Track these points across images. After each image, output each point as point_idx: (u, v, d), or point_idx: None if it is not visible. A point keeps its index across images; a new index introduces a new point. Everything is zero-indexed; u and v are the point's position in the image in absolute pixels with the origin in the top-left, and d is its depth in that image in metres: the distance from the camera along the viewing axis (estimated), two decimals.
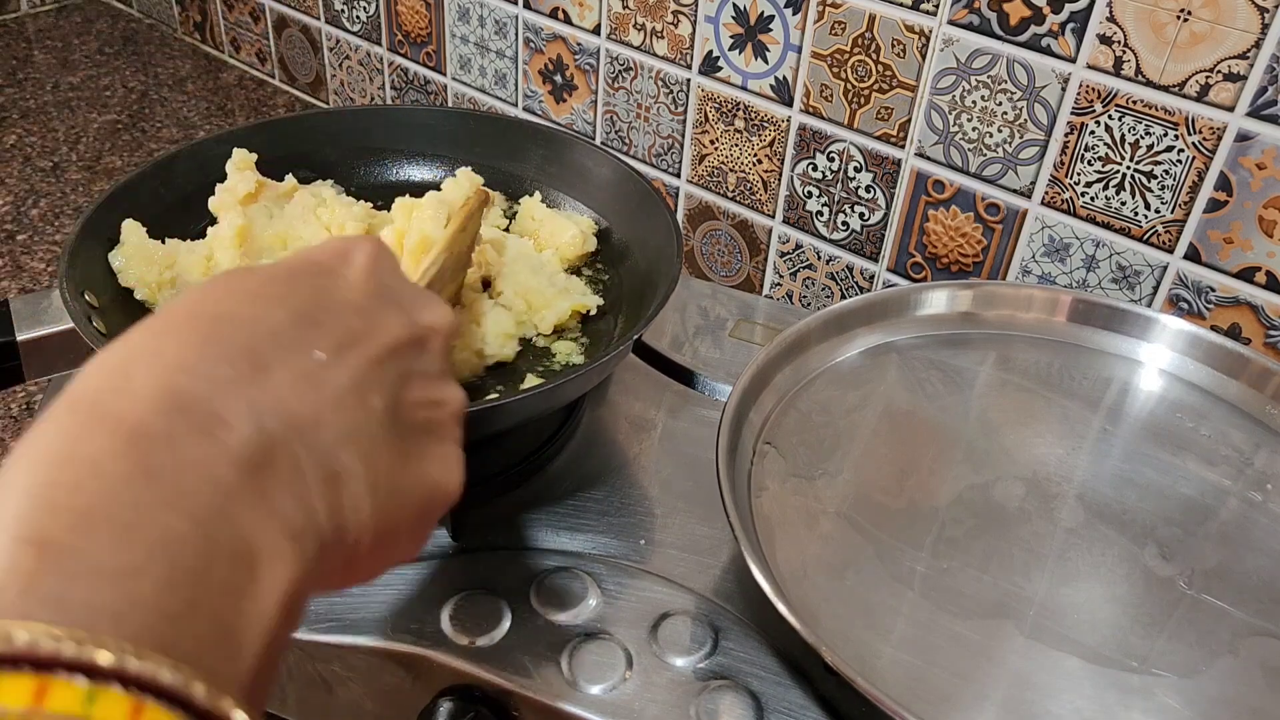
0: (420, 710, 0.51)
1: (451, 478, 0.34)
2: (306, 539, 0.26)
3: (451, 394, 0.35)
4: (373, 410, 0.30)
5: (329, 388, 0.29)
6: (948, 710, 0.46)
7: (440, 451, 0.33)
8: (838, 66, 0.77)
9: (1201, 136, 0.65)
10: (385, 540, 0.30)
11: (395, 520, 0.30)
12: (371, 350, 0.31)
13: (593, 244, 0.70)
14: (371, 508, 0.29)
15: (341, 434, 0.28)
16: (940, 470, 0.59)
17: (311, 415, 0.27)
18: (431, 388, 0.33)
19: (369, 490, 0.29)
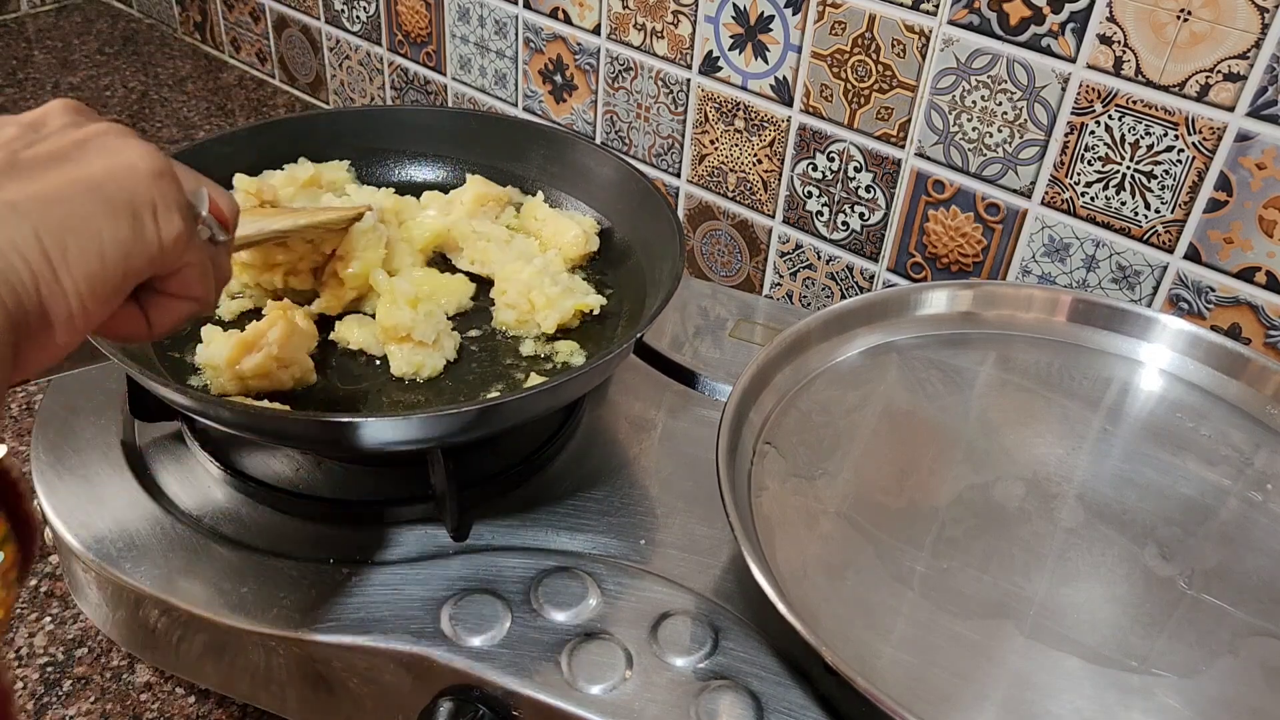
0: (420, 710, 0.51)
1: (128, 155, 0.35)
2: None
3: (90, 129, 0.36)
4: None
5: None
6: (948, 710, 0.46)
7: (99, 150, 0.35)
8: (838, 66, 0.77)
9: (1201, 136, 0.65)
10: (80, 232, 0.32)
11: (68, 210, 0.32)
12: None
13: (595, 243, 0.70)
14: (22, 219, 0.31)
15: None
16: (940, 470, 0.59)
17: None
18: (60, 135, 0.36)
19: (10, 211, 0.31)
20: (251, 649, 0.53)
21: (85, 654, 0.61)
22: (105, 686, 0.60)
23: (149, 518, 0.56)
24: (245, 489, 0.59)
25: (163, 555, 0.54)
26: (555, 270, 0.66)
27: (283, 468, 0.60)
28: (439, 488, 0.55)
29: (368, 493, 0.59)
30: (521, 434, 0.62)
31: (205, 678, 0.56)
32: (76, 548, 0.54)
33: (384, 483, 0.60)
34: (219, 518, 0.57)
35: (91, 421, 0.62)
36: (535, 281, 0.64)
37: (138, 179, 0.35)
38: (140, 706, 0.59)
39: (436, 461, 0.54)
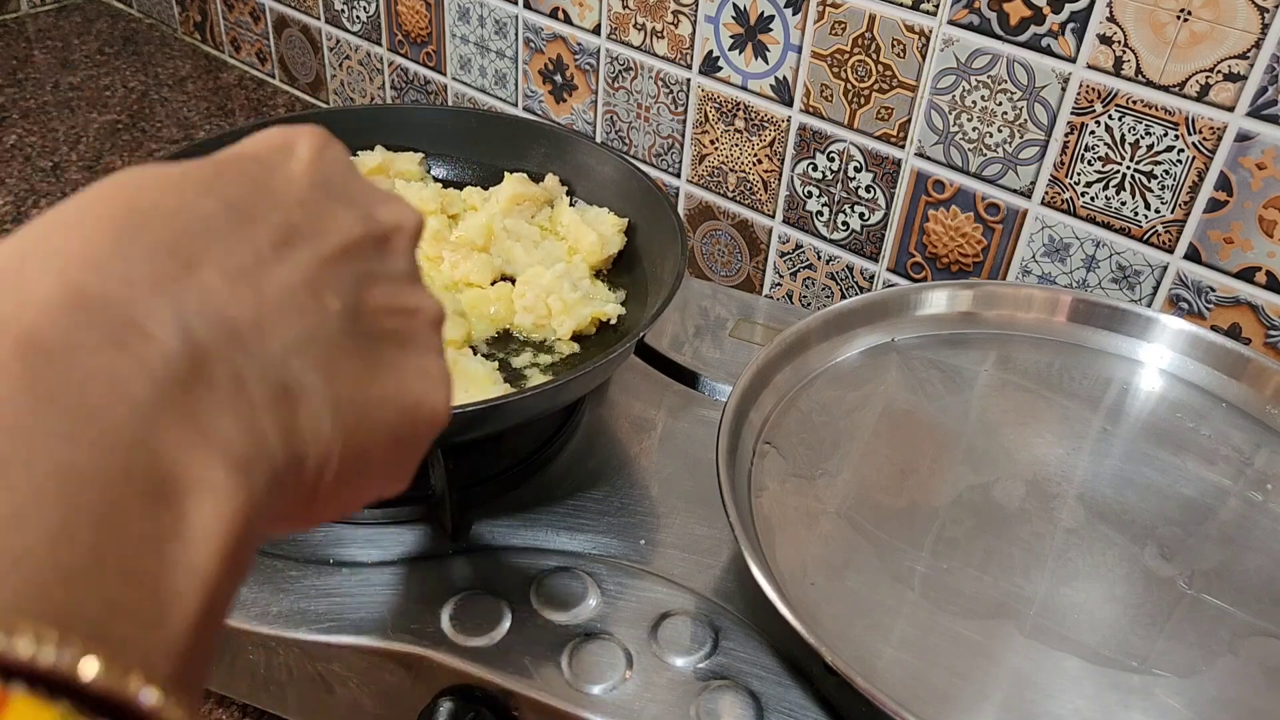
0: (420, 710, 0.51)
1: (435, 393, 0.28)
2: (254, 469, 0.21)
3: (425, 300, 0.29)
4: (329, 313, 0.25)
5: (273, 287, 0.23)
6: (948, 710, 0.46)
7: (419, 364, 0.28)
8: (838, 66, 0.77)
9: (1201, 136, 0.65)
10: (355, 468, 0.25)
11: (366, 443, 0.25)
12: (322, 247, 0.25)
13: (617, 245, 0.69)
14: (334, 427, 0.24)
15: (291, 341, 0.23)
16: (940, 470, 0.59)
17: (253, 319, 0.22)
18: (400, 292, 0.28)
19: (330, 407, 0.24)
20: (251, 649, 0.53)
21: None
22: None
23: None
24: None
25: None
26: (577, 276, 0.66)
27: None
28: (439, 488, 0.55)
29: None
30: (521, 434, 0.62)
31: None
32: None
33: None
34: None
35: None
36: (554, 286, 0.63)
37: (431, 430, 0.28)
38: None
39: (436, 461, 0.54)
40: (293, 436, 0.23)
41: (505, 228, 0.69)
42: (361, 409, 0.25)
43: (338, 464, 0.24)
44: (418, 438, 0.28)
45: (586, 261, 0.68)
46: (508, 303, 0.64)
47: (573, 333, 0.63)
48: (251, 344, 0.22)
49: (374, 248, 0.27)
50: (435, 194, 0.71)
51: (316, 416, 0.23)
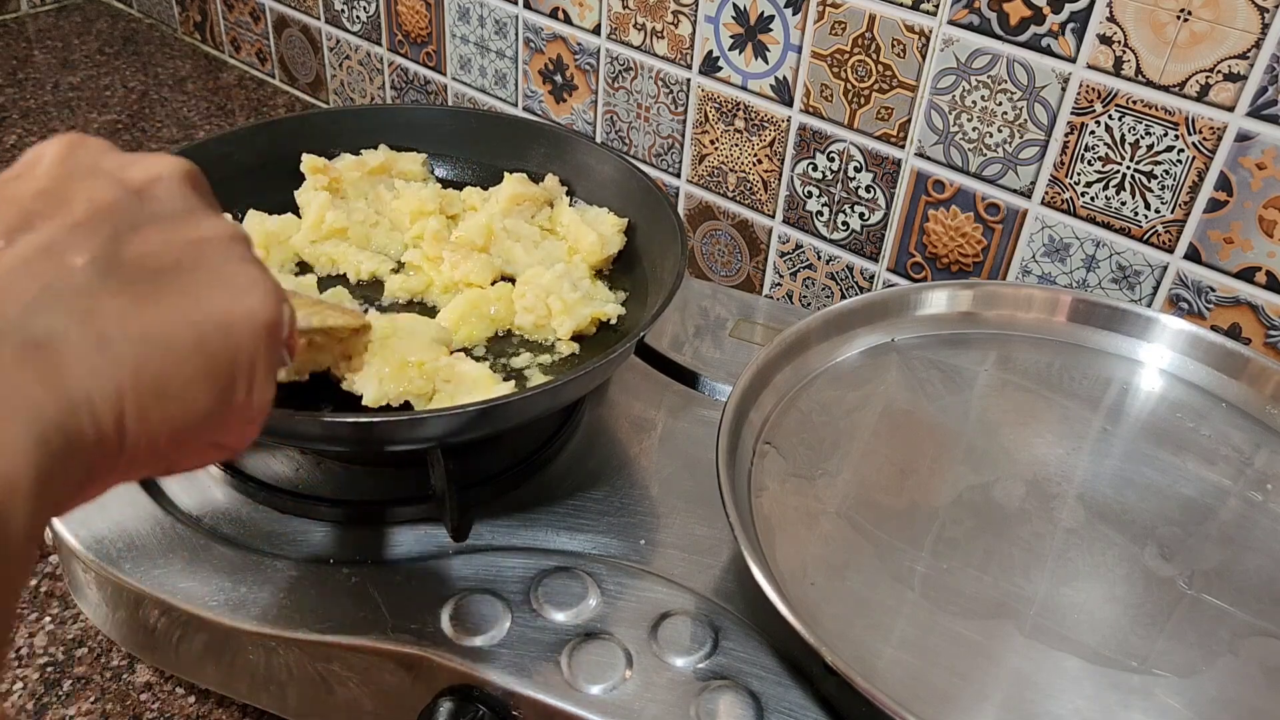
0: (420, 710, 0.51)
1: (246, 299, 0.30)
2: (10, 424, 0.22)
3: (209, 227, 0.31)
4: (74, 268, 0.26)
5: (3, 267, 0.26)
6: (948, 710, 0.46)
7: (217, 278, 0.29)
8: (838, 66, 0.77)
9: (1201, 136, 0.65)
10: (161, 395, 0.26)
11: (163, 368, 0.26)
12: (63, 220, 0.27)
13: (617, 244, 0.69)
14: (110, 363, 0.25)
15: (30, 302, 0.25)
16: (940, 470, 0.59)
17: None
18: (175, 228, 0.30)
19: (95, 345, 0.25)
20: (251, 649, 0.53)
21: (85, 654, 0.61)
22: (105, 686, 0.60)
23: (149, 518, 0.56)
24: (245, 489, 0.59)
25: (163, 555, 0.54)
26: (577, 276, 0.66)
27: (283, 468, 0.60)
28: (439, 488, 0.55)
29: (368, 493, 0.59)
30: (521, 434, 0.62)
31: (205, 678, 0.56)
32: (76, 548, 0.54)
33: (384, 483, 0.60)
34: (219, 518, 0.57)
35: None
36: (555, 287, 0.63)
37: (249, 333, 0.29)
38: (140, 706, 0.59)
39: (436, 461, 0.54)
40: (60, 382, 0.24)
41: (505, 228, 0.69)
42: (140, 337, 0.26)
43: (134, 395, 0.25)
44: (235, 343, 0.29)
45: (586, 261, 0.68)
46: (508, 303, 0.64)
47: (573, 333, 0.63)
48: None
49: (131, 201, 0.29)
50: (435, 194, 0.71)
51: (82, 358, 0.25)
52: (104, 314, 0.26)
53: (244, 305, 0.30)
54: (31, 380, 0.23)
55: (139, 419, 0.26)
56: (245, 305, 0.30)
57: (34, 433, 0.23)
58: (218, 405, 0.29)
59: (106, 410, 0.25)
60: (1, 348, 0.23)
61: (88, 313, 0.26)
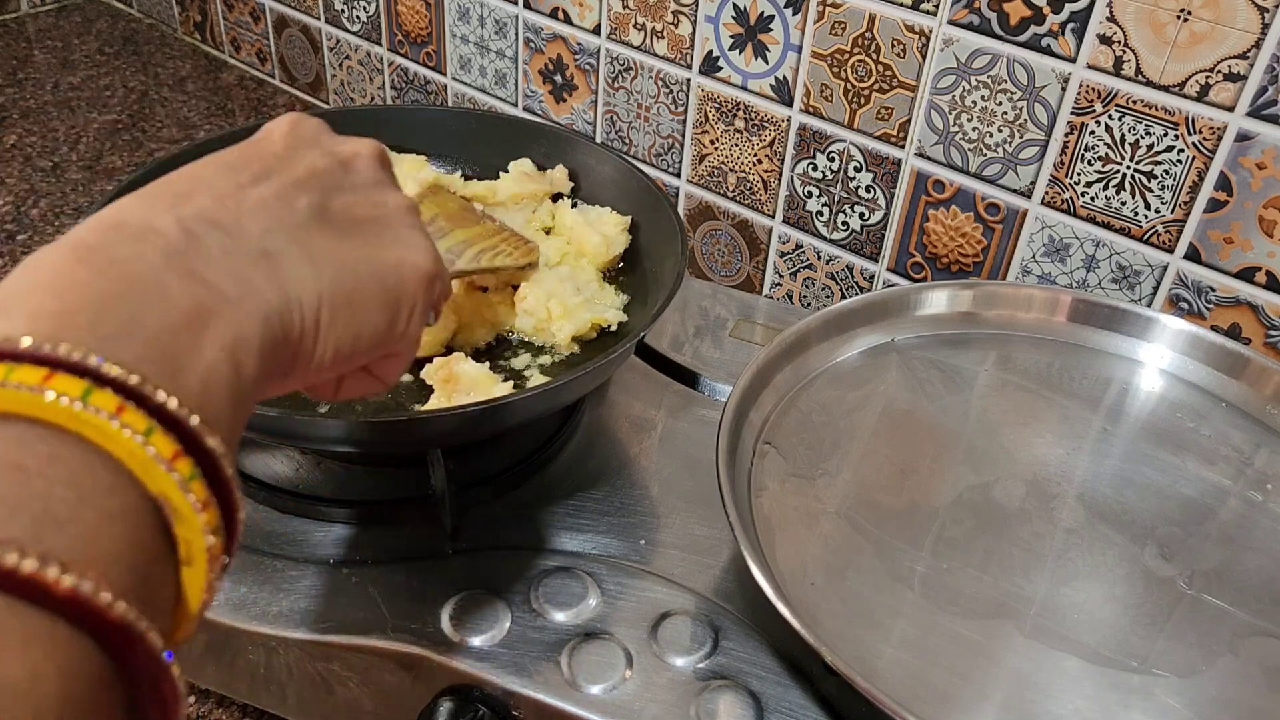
0: (420, 710, 0.51)
1: (414, 254, 0.38)
2: (248, 303, 0.30)
3: (391, 197, 0.39)
4: (298, 209, 0.34)
5: (249, 200, 0.33)
6: (948, 710, 0.46)
7: (393, 236, 0.38)
8: (838, 66, 0.77)
9: (1201, 136, 0.65)
10: (350, 308, 0.34)
11: (351, 288, 0.34)
12: (291, 175, 0.36)
13: (621, 244, 0.69)
14: (315, 276, 0.33)
15: (266, 227, 0.33)
16: (940, 470, 0.59)
17: (234, 218, 0.32)
18: (367, 193, 0.38)
19: (308, 262, 0.33)
20: (251, 649, 0.53)
21: None
22: None
23: None
24: (245, 489, 0.59)
25: None
26: (583, 280, 0.65)
27: (283, 468, 0.60)
28: (439, 488, 0.55)
29: (368, 493, 0.59)
30: (522, 434, 0.62)
31: (205, 678, 0.56)
32: None
33: (384, 483, 0.60)
34: None
35: None
36: (556, 290, 0.63)
37: (416, 279, 0.37)
38: None
39: (436, 461, 0.54)
40: (280, 283, 0.32)
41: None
42: (339, 263, 0.34)
43: (329, 303, 0.33)
44: (405, 286, 0.37)
45: (593, 263, 0.68)
46: (509, 305, 0.64)
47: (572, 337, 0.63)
48: (234, 231, 0.32)
49: (339, 169, 0.38)
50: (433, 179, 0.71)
51: (298, 270, 0.33)
52: (314, 243, 0.34)
53: (412, 257, 0.38)
54: (262, 278, 0.31)
55: (330, 322, 0.34)
56: (413, 257, 0.38)
57: (262, 314, 0.30)
58: (385, 326, 0.36)
59: (310, 309, 0.33)
60: (245, 255, 0.31)
61: (304, 241, 0.34)
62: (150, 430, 0.25)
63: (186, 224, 0.31)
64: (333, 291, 0.34)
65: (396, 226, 0.38)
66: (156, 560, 0.25)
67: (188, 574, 0.26)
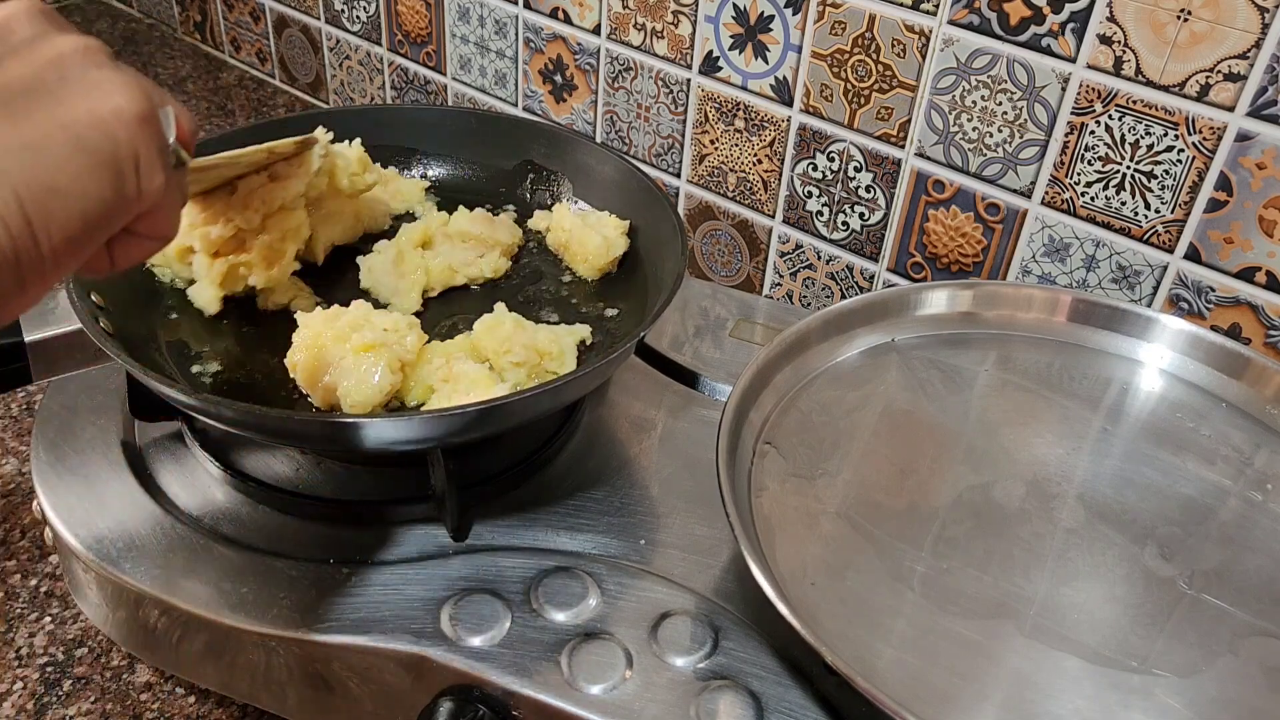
0: (420, 710, 0.51)
1: (111, 97, 0.33)
2: None
3: (62, 43, 0.34)
4: None
5: None
6: (948, 710, 0.46)
7: (79, 86, 0.33)
8: (838, 66, 0.77)
9: (1201, 136, 0.65)
10: (59, 193, 0.31)
11: (50, 169, 0.31)
12: None
13: (621, 246, 0.68)
14: (2, 175, 0.30)
15: None
16: (940, 470, 0.59)
17: None
18: (30, 56, 0.33)
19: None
20: (251, 649, 0.53)
21: (85, 654, 0.61)
22: (105, 686, 0.60)
23: (149, 518, 0.56)
24: (245, 489, 0.59)
25: (163, 555, 0.54)
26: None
27: (283, 468, 0.60)
28: (439, 488, 0.55)
29: (368, 493, 0.59)
30: (522, 434, 0.62)
31: (205, 678, 0.56)
32: (76, 548, 0.54)
33: (384, 483, 0.60)
34: (219, 518, 0.57)
35: (91, 421, 0.62)
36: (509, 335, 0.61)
37: (122, 126, 0.33)
38: (140, 706, 0.59)
39: (436, 461, 0.54)
40: None
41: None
42: (22, 148, 0.30)
43: (30, 198, 0.30)
44: (112, 137, 0.33)
45: (593, 265, 0.68)
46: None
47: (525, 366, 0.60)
48: None
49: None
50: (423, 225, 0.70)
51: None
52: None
53: (111, 103, 0.33)
54: None
55: (43, 216, 0.30)
56: (112, 103, 0.33)
57: None
58: (113, 194, 0.33)
59: (10, 216, 0.29)
60: None
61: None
62: None
63: None
64: (29, 182, 0.30)
65: (78, 76, 0.33)
66: None
67: None
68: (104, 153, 0.32)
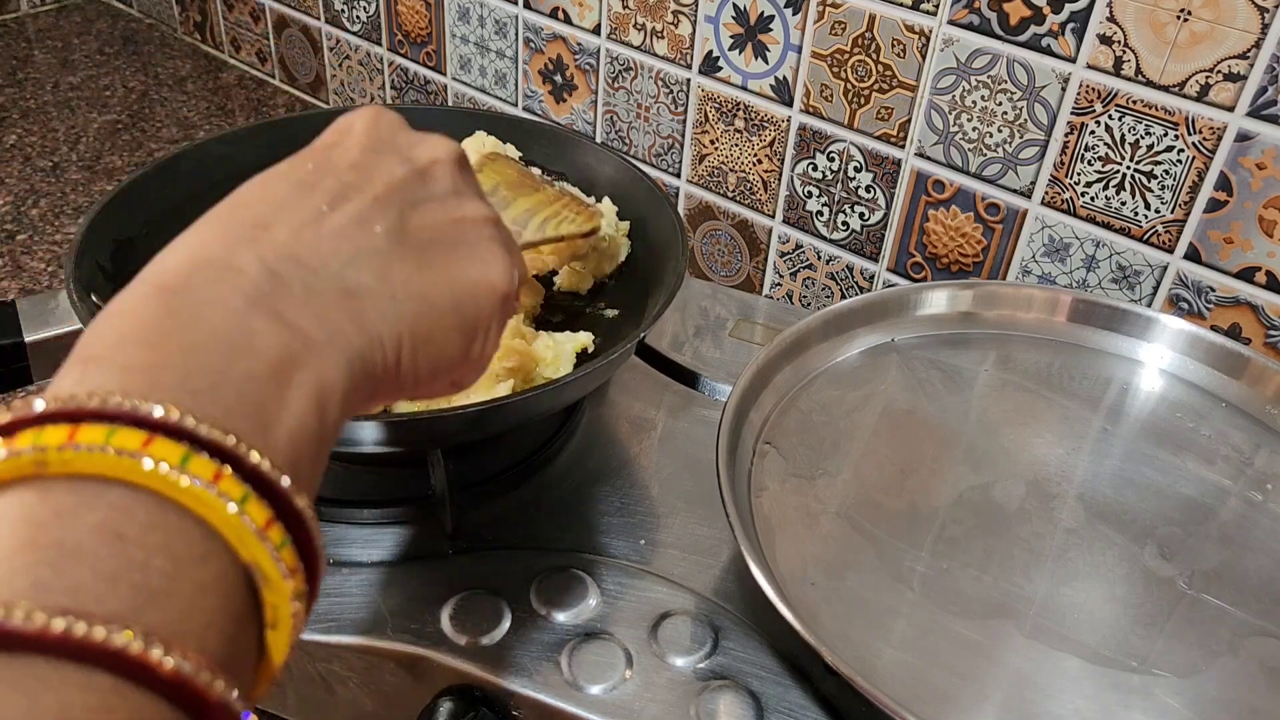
0: (420, 710, 0.51)
1: (491, 271, 0.36)
2: (332, 348, 0.30)
3: (470, 208, 0.37)
4: (376, 235, 0.33)
5: (328, 228, 0.33)
6: (948, 710, 0.46)
7: (471, 253, 0.36)
8: (838, 66, 0.77)
9: (1201, 136, 0.65)
10: (428, 340, 0.34)
11: (431, 320, 0.34)
12: (369, 192, 0.34)
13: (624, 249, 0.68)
14: (396, 313, 0.32)
15: (347, 260, 0.32)
16: (940, 470, 0.59)
17: (313, 251, 0.31)
18: (445, 208, 0.36)
19: (389, 298, 0.32)
20: None
21: None
22: None
23: None
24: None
25: None
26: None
27: None
28: (439, 488, 0.55)
29: (368, 493, 0.59)
30: (522, 434, 0.62)
31: None
32: None
33: (384, 483, 0.60)
34: None
35: None
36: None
37: (492, 302, 0.36)
38: None
39: (436, 462, 0.54)
40: (363, 323, 0.31)
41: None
42: (418, 296, 0.33)
43: (409, 340, 0.33)
44: (480, 307, 0.36)
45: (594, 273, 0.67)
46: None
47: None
48: (315, 267, 0.31)
49: (416, 180, 0.36)
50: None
51: (379, 307, 0.32)
52: (394, 275, 0.33)
53: (489, 278, 0.36)
54: (346, 319, 0.31)
55: (411, 356, 0.33)
56: (490, 278, 0.36)
57: (346, 357, 0.30)
58: (461, 353, 0.36)
59: (392, 348, 0.32)
60: (328, 294, 0.31)
61: (384, 272, 0.33)
62: (245, 498, 0.25)
63: (268, 262, 0.30)
64: (414, 328, 0.33)
65: (475, 241, 0.37)
66: (244, 625, 0.25)
67: (272, 636, 0.26)
68: (469, 319, 0.35)
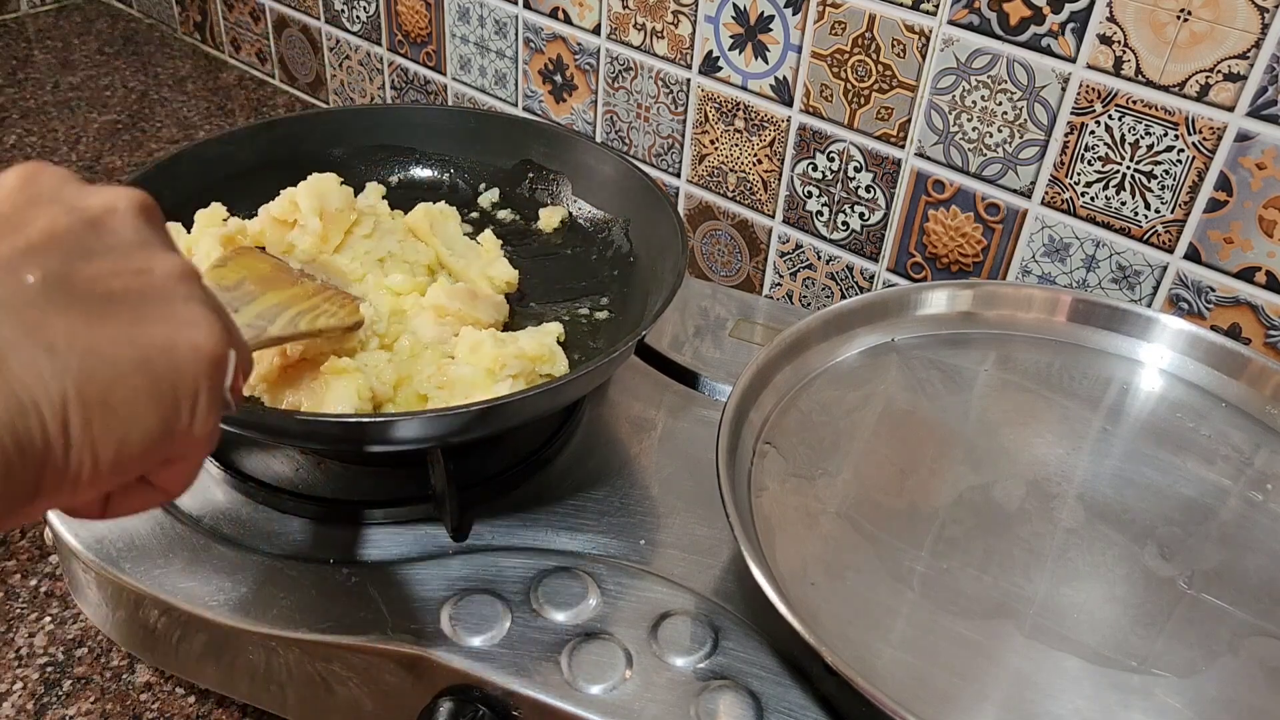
0: (420, 710, 0.51)
1: (192, 331, 0.31)
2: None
3: (160, 261, 0.32)
4: (27, 284, 0.28)
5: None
6: (948, 710, 0.46)
7: (165, 310, 0.31)
8: (838, 66, 0.77)
9: (1201, 136, 0.65)
10: (110, 410, 0.28)
11: (108, 381, 0.29)
12: (20, 240, 0.30)
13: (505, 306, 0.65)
14: (54, 369, 0.27)
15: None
16: (940, 470, 0.59)
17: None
18: (127, 259, 0.31)
19: (44, 352, 0.27)
20: (251, 649, 0.53)
21: (85, 654, 0.61)
22: (105, 686, 0.60)
23: (149, 518, 0.56)
24: (245, 489, 0.59)
25: (163, 555, 0.54)
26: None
27: (283, 468, 0.60)
28: (439, 488, 0.55)
29: (368, 493, 0.59)
30: (521, 434, 0.62)
31: (205, 678, 0.56)
32: (76, 548, 0.54)
33: (384, 483, 0.60)
34: (219, 518, 0.57)
35: None
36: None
37: (195, 365, 0.31)
38: (140, 706, 0.59)
39: (436, 461, 0.54)
40: (8, 387, 0.26)
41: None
42: (87, 351, 0.28)
43: (78, 403, 0.28)
44: (179, 370, 0.31)
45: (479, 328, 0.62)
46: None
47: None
48: None
49: (87, 230, 0.31)
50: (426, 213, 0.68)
51: (29, 363, 0.27)
52: (52, 328, 0.28)
53: (191, 338, 0.31)
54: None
55: (83, 428, 0.28)
56: (192, 338, 0.31)
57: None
58: (160, 427, 0.30)
59: (52, 416, 0.27)
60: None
61: (37, 325, 0.28)
62: None
63: None
64: (82, 388, 0.28)
65: (167, 298, 0.31)
66: None
67: None
68: (166, 385, 0.30)
